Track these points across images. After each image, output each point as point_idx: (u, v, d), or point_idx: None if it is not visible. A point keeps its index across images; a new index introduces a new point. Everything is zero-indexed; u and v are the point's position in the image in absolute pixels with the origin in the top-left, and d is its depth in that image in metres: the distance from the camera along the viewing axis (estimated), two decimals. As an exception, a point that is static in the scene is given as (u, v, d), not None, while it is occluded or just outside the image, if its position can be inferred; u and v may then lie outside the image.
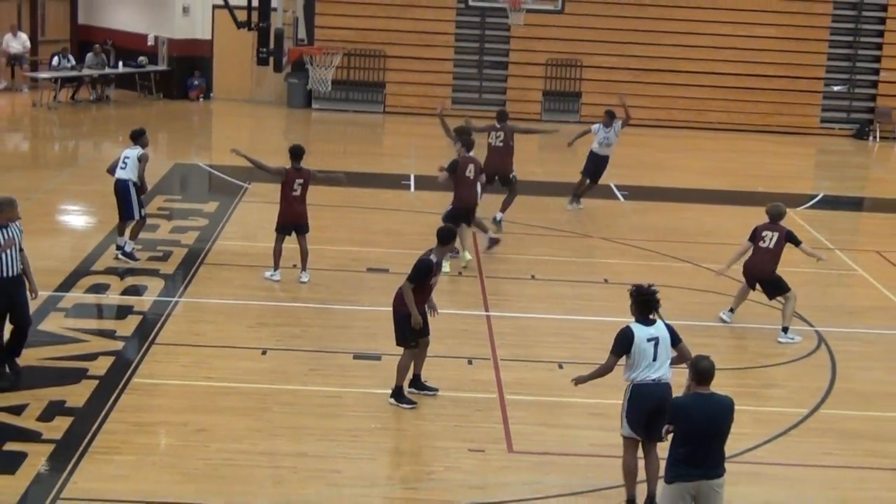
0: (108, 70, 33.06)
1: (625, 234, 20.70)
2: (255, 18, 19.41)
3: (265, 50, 19.09)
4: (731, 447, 9.34)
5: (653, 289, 10.45)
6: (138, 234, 17.65)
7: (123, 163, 17.31)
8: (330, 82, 20.90)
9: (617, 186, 24.79)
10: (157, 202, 21.27)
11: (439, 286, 17.01)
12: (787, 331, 15.49)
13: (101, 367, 13.36)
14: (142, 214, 17.46)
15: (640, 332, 10.35)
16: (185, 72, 34.12)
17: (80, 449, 11.27)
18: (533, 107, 33.86)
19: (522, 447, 11.92)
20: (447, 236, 12.86)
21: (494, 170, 20.03)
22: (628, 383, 10.48)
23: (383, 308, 16.07)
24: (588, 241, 20.26)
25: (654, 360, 10.33)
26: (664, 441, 9.87)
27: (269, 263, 16.97)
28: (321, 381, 13.36)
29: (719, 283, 17.69)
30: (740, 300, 16.11)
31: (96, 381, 12.92)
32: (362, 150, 28.98)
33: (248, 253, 18.23)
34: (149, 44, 34.04)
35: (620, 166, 27.58)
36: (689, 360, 9.54)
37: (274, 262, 16.86)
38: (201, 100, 34.17)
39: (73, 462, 10.99)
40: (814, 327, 16.03)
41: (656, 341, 10.34)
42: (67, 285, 16.27)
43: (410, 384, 13.02)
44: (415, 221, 19.28)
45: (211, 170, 25.26)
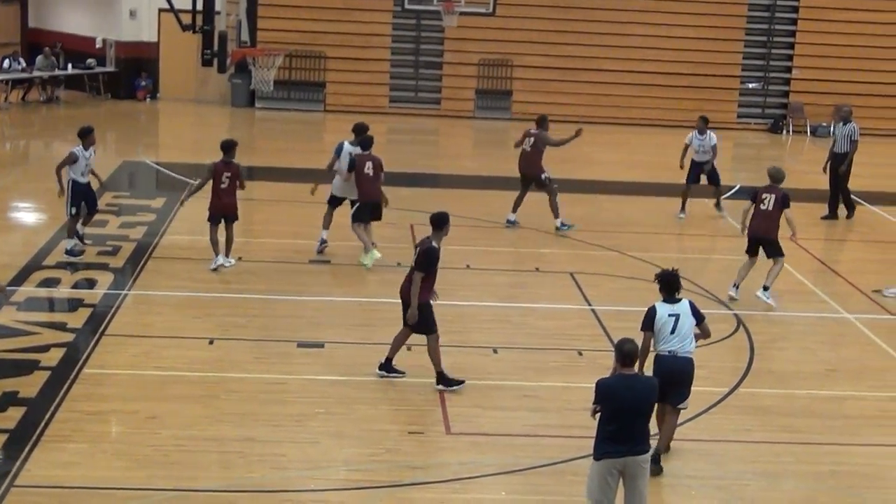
0: (57, 72, 32.67)
1: (554, 224, 20.74)
2: (199, 21, 19.21)
3: (209, 51, 18.90)
4: (655, 425, 9.38)
5: (674, 271, 11.11)
6: (73, 230, 17.39)
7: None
8: (272, 82, 20.70)
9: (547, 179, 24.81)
10: (106, 198, 20.99)
11: (382, 276, 17.05)
12: (766, 289, 16.15)
13: (52, 358, 13.18)
14: (71, 213, 17.13)
15: (663, 309, 10.97)
16: (132, 73, 33.77)
17: (34, 438, 11.11)
18: (466, 105, 33.88)
19: (459, 429, 11.91)
20: (440, 221, 12.94)
21: (523, 172, 20.09)
22: (653, 352, 10.99)
23: (325, 298, 16.06)
24: (520, 232, 20.29)
25: (671, 333, 10.88)
26: (685, 408, 11.12)
27: (212, 256, 16.85)
28: (266, 368, 13.27)
29: (643, 270, 17.79)
30: (745, 273, 16.52)
31: (48, 372, 12.75)
32: (304, 148, 28.80)
33: (195, 246, 18.07)
34: (97, 46, 33.67)
35: (549, 160, 27.64)
36: (707, 335, 11.09)
37: (213, 252, 16.77)
38: (148, 100, 33.84)
39: (27, 451, 10.83)
40: (733, 311, 16.15)
41: (677, 317, 10.90)
42: (19, 280, 16.04)
43: (380, 367, 13.03)
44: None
45: (158, 167, 25.01)
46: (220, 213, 16.88)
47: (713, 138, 21.60)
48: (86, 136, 17.22)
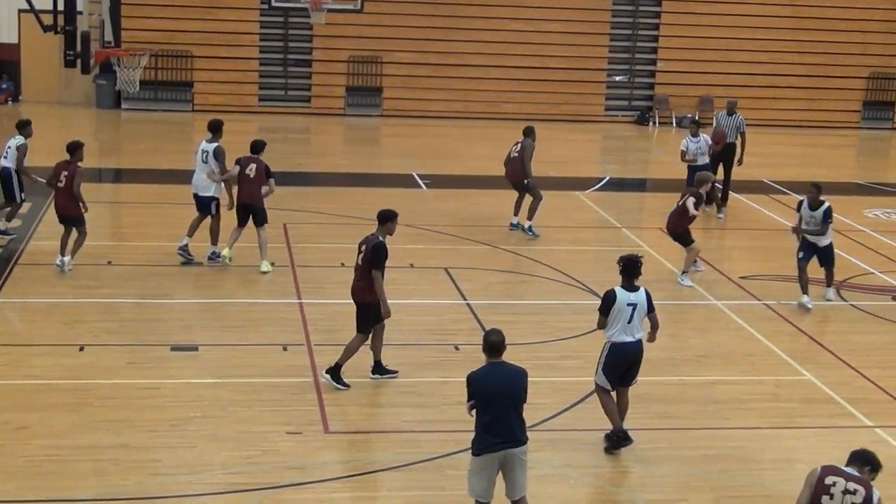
0: (-87, 75, 31.70)
1: (428, 220, 20.81)
2: (61, 21, 18.83)
3: (72, 52, 18.55)
4: (532, 416, 9.48)
5: (636, 256, 11.47)
6: (12, 218, 18.07)
7: (6, 152, 18.02)
8: (138, 83, 20.42)
9: (419, 175, 24.92)
10: (-31, 205, 20.48)
11: (253, 277, 16.90)
12: (685, 274, 17.46)
13: (-84, 370, 12.80)
14: (21, 198, 18.19)
15: (622, 295, 11.19)
16: (-8, 75, 32.95)
17: None
18: (336, 102, 33.78)
19: (338, 427, 11.89)
20: (385, 217, 13.03)
21: (511, 178, 20.06)
22: (606, 341, 11.31)
23: (197, 300, 15.87)
24: (396, 229, 20.24)
25: (629, 322, 11.19)
26: (635, 384, 11.53)
27: (81, 262, 16.58)
28: (139, 373, 13.08)
29: (518, 264, 17.98)
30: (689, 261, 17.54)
31: (-88, 385, 12.38)
32: (173, 148, 28.39)
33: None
34: (-46, 48, 32.77)
35: (422, 156, 27.79)
36: (656, 327, 11.47)
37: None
38: (9, 103, 33.03)
39: None
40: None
41: (634, 307, 11.19)
42: None
43: (373, 370, 13.04)
44: (225, 215, 18.96)
45: (22, 171, 24.38)
46: (58, 213, 16.78)
47: (708, 139, 22.01)
48: (23, 127, 18.56)
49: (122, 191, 21.65)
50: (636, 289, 11.35)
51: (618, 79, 35.45)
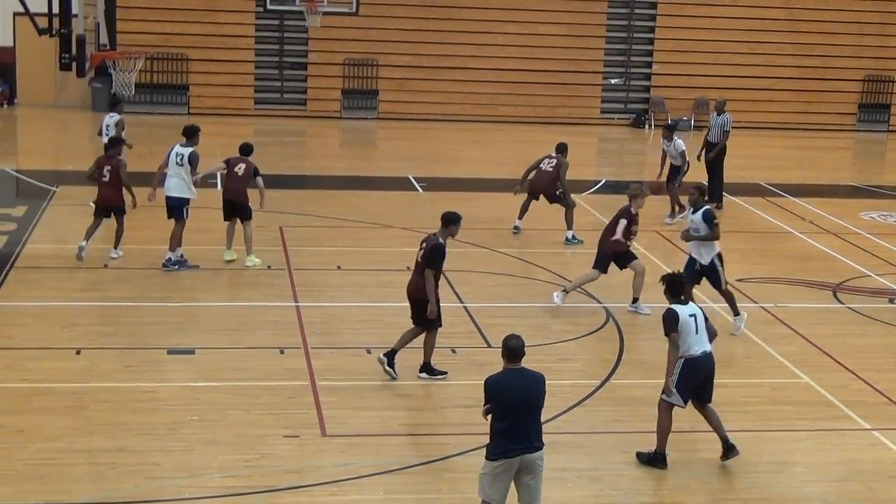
0: None
1: (424, 223, 20.72)
2: (56, 24, 18.82)
3: (67, 55, 18.51)
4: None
5: (679, 273, 12.04)
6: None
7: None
8: (134, 86, 20.43)
9: (415, 178, 24.92)
10: (-35, 208, 20.52)
11: (249, 280, 16.91)
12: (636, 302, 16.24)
13: (-88, 374, 12.78)
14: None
15: (683, 310, 11.24)
16: (-13, 79, 32.94)
17: None
18: (332, 105, 33.78)
19: (335, 430, 11.88)
20: (449, 219, 13.19)
21: (541, 189, 20.03)
22: (679, 358, 11.20)
23: (194, 303, 15.86)
24: (390, 232, 20.31)
25: (696, 332, 11.20)
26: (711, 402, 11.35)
27: (78, 265, 16.58)
28: (136, 377, 13.06)
29: (515, 267, 17.98)
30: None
31: None
32: (166, 151, 28.33)
33: (59, 255, 17.69)
34: (-51, 52, 32.74)
35: (418, 159, 27.79)
36: (714, 336, 11.34)
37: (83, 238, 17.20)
38: (5, 106, 33.00)
39: None
40: (602, 304, 16.39)
41: (695, 316, 11.25)
42: None
43: (421, 369, 13.19)
44: (206, 226, 18.98)
45: (18, 175, 24.41)
46: (104, 205, 17.48)
47: (680, 145, 21.81)
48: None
49: (118, 194, 21.64)
50: (685, 302, 11.42)
51: (613, 81, 35.47)
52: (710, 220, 14.96)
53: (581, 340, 14.93)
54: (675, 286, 11.52)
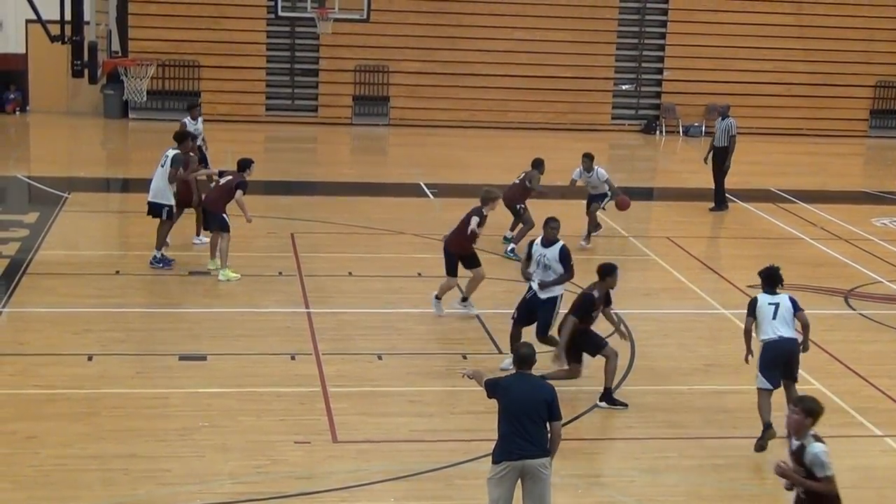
0: (-79, 86, 31.78)
1: (435, 229, 20.76)
2: (68, 32, 18.88)
3: (79, 62, 18.57)
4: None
5: (776, 267, 12.42)
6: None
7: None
8: (145, 92, 20.47)
9: (426, 184, 24.93)
10: (-23, 215, 20.59)
11: (261, 286, 16.92)
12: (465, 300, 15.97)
13: (-75, 380, 12.83)
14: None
15: (763, 298, 12.17)
16: (0, 86, 32.99)
17: None
18: (344, 111, 33.81)
19: (346, 437, 11.89)
20: (606, 271, 13.04)
21: (506, 200, 19.43)
22: (761, 343, 12.05)
23: (205, 310, 15.88)
24: (401, 238, 20.32)
25: (773, 318, 12.03)
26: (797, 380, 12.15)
27: (90, 271, 16.60)
28: (148, 383, 13.09)
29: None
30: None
31: (-79, 395, 12.41)
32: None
33: (71, 262, 17.74)
34: (-38, 59, 32.84)
35: (428, 165, 27.81)
36: (807, 327, 12.27)
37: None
38: (18, 113, 33.08)
39: None
40: (613, 310, 16.33)
41: (776, 305, 12.07)
42: None
43: (601, 398, 12.94)
44: (247, 225, 19.01)
45: (30, 181, 24.47)
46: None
47: (602, 174, 20.16)
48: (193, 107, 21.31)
49: (130, 200, 21.69)
50: (776, 293, 12.19)
51: (624, 87, 35.45)
52: (567, 260, 13.80)
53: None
54: (770, 278, 12.37)
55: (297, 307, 16.03)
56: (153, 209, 17.56)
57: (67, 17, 18.52)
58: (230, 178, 17.28)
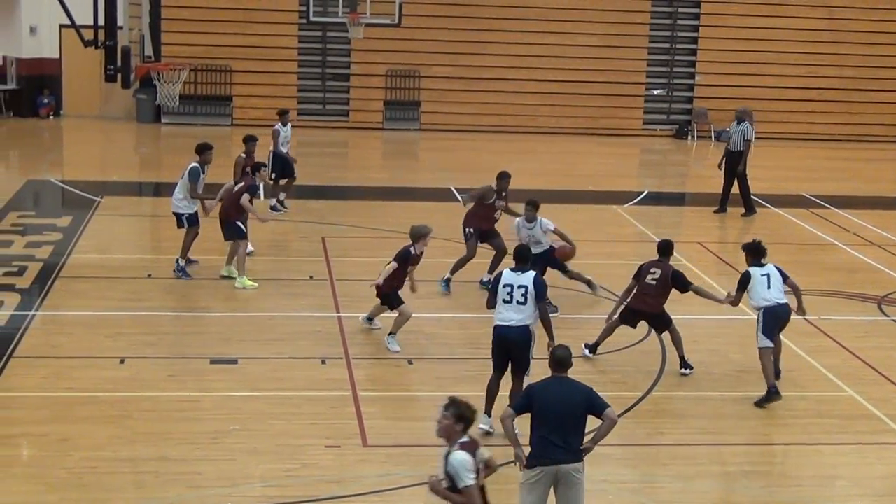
0: (-43, 90, 32.07)
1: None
2: (101, 37, 18.98)
3: (113, 67, 18.64)
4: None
5: (758, 241, 13.81)
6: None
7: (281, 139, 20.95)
8: (178, 97, 20.50)
9: (456, 189, 24.92)
10: (11, 218, 20.72)
11: (292, 290, 16.95)
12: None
13: (-41, 382, 12.92)
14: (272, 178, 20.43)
15: (755, 271, 13.46)
16: (34, 90, 33.24)
17: (-59, 464, 10.88)
18: (375, 116, 33.87)
19: (376, 441, 11.89)
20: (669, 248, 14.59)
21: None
22: (759, 309, 13.39)
23: (236, 313, 15.92)
24: (431, 243, 20.17)
25: (768, 288, 13.34)
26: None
27: (122, 275, 16.67)
28: (179, 386, 13.13)
29: (555, 278, 17.91)
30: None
31: (-45, 397, 12.50)
32: (213, 162, 28.53)
33: (104, 265, 17.83)
34: (-3, 63, 33.11)
35: (459, 170, 27.79)
36: (798, 291, 13.69)
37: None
38: (51, 117, 33.33)
39: (-65, 478, 10.61)
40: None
41: (768, 276, 13.39)
42: (-78, 303, 15.72)
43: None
44: (278, 229, 19.03)
45: (63, 185, 24.63)
46: None
47: (547, 224, 16.90)
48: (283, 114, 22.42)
49: (162, 204, 21.71)
50: (764, 265, 13.50)
51: (656, 92, 35.36)
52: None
53: (623, 352, 14.87)
54: (753, 252, 13.72)
55: (327, 311, 16.06)
56: (175, 217, 17.56)
57: (101, 21, 18.62)
58: (242, 184, 17.25)
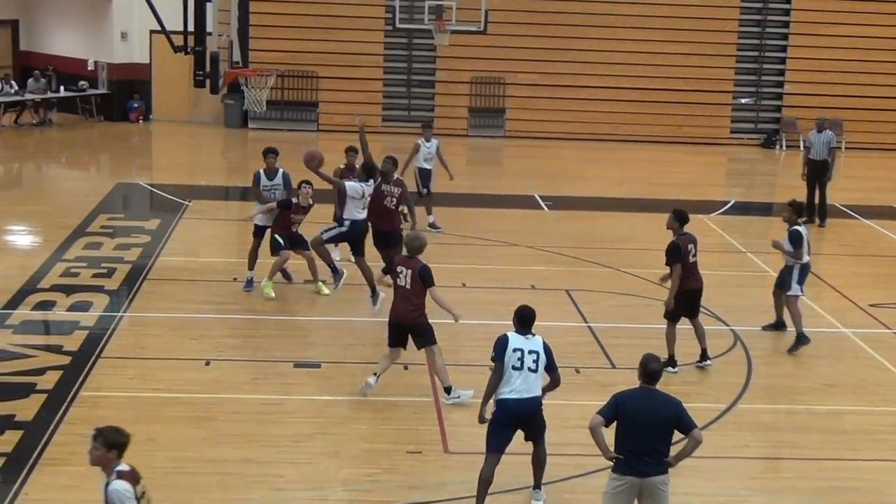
0: (49, 94, 32.64)
1: (549, 241, 20.76)
2: (191, 42, 19.24)
3: (202, 73, 18.89)
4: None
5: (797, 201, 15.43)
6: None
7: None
8: (265, 102, 20.69)
9: (541, 197, 24.89)
10: (101, 221, 21.07)
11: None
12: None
13: (49, 381, 13.17)
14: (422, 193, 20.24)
15: (802, 229, 15.25)
16: (124, 95, 33.78)
17: (31, 461, 11.10)
18: (460, 123, 33.91)
19: (457, 447, 11.91)
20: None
21: None
22: (800, 263, 15.07)
23: (319, 318, 16.04)
24: (515, 250, 20.30)
25: (810, 246, 15.31)
26: None
27: (208, 278, 16.86)
28: (264, 389, 13.26)
29: (639, 286, 17.84)
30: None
31: (45, 395, 12.74)
32: (298, 167, 28.72)
33: (190, 268, 18.07)
34: (89, 68, 33.66)
35: (544, 177, 27.75)
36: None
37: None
38: (141, 121, 33.83)
39: (24, 474, 10.82)
40: (729, 326, 16.16)
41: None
42: (15, 303, 16.03)
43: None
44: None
45: (152, 188, 25.00)
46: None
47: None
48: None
49: (248, 209, 22.01)
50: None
51: (744, 101, 34.97)
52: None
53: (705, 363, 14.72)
54: (796, 210, 15.36)
55: (410, 317, 16.06)
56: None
57: (191, 28, 18.87)
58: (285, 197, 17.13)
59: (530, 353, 10.53)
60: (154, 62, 33.70)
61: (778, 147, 34.32)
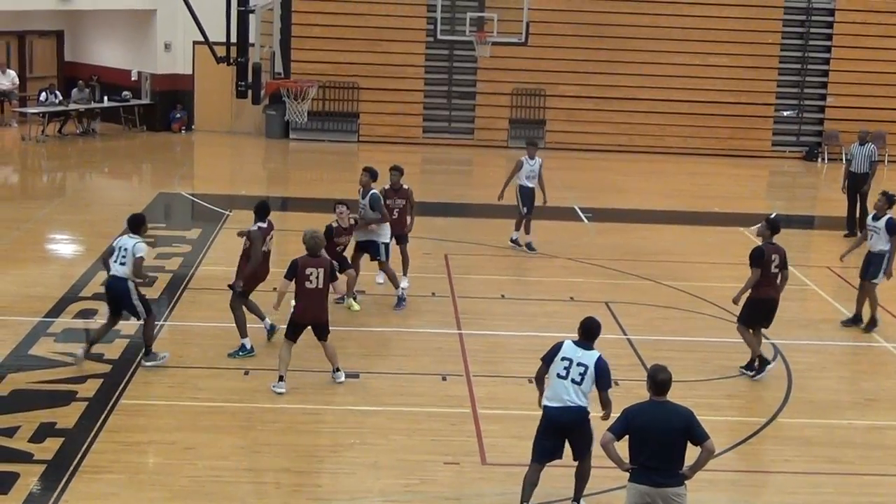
0: (93, 104, 32.91)
1: (589, 253, 20.72)
2: (233, 53, 19.37)
3: (244, 83, 18.98)
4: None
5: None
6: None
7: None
8: (306, 113, 20.77)
9: (581, 209, 24.85)
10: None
11: (414, 306, 17.04)
12: None
13: (89, 389, 13.27)
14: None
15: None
16: (167, 105, 34.02)
17: (71, 468, 11.18)
18: (500, 134, 33.92)
19: (495, 459, 11.90)
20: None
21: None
22: (887, 253, 16.01)
23: (358, 329, 16.06)
24: (554, 262, 20.27)
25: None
26: None
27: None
28: (302, 399, 13.30)
29: (679, 299, 17.76)
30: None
31: (85, 403, 12.84)
32: (335, 178, 28.90)
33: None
34: (132, 79, 33.93)
35: (584, 189, 27.70)
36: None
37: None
38: (183, 132, 34.06)
39: (64, 481, 10.90)
40: (770, 340, 16.05)
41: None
42: (57, 311, 16.17)
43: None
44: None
45: (193, 198, 25.16)
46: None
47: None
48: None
49: (289, 219, 22.09)
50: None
51: (786, 114, 34.77)
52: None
53: (747, 377, 14.64)
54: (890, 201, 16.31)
55: (449, 328, 16.12)
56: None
57: (233, 39, 18.99)
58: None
59: (578, 365, 10.55)
60: (196, 73, 33.93)
61: (820, 160, 34.09)
